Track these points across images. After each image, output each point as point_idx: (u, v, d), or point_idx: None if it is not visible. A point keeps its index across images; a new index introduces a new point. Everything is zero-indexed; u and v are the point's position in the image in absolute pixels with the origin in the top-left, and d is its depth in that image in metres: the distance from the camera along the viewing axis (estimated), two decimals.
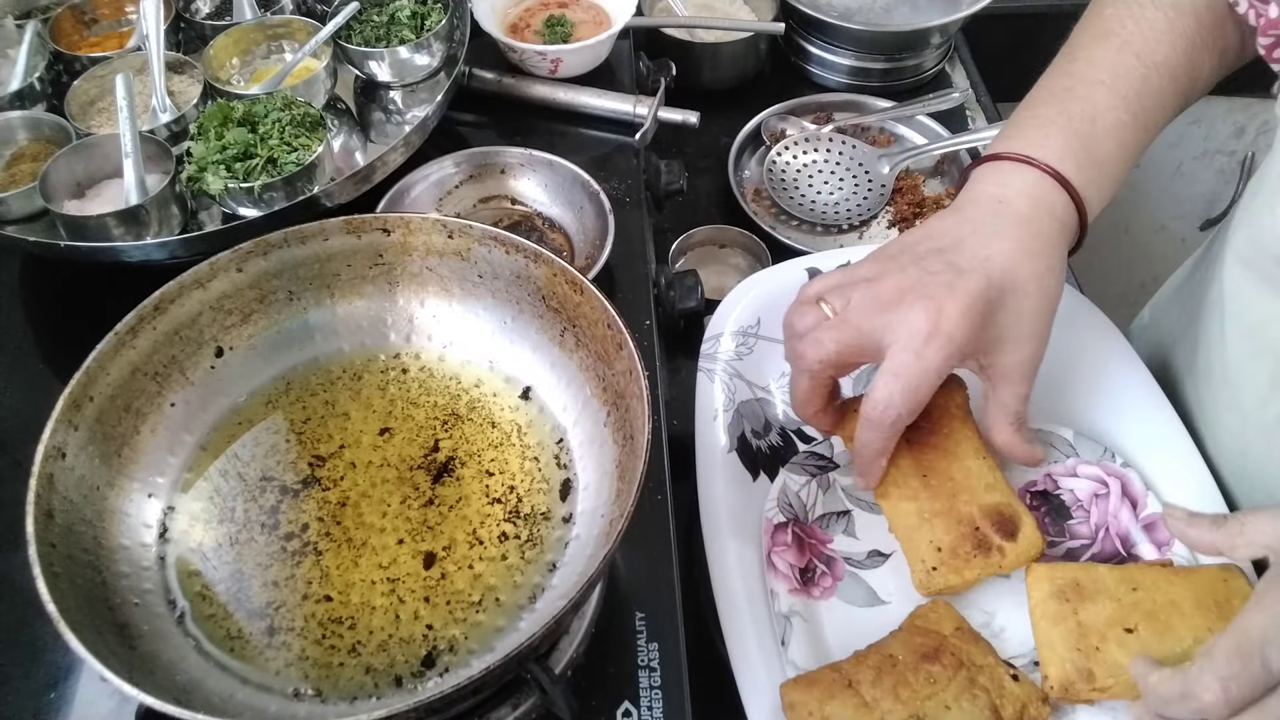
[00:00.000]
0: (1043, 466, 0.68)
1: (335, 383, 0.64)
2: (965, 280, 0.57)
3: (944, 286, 0.57)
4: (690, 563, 0.66)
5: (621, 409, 0.56)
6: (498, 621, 0.54)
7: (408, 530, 0.57)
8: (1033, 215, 0.60)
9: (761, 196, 1.05)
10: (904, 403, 0.57)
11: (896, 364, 0.57)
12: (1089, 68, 0.65)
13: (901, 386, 0.57)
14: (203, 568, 0.56)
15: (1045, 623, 0.58)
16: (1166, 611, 0.57)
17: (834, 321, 0.60)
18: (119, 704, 0.57)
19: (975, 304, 0.57)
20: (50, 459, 0.52)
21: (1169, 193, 1.34)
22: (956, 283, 0.57)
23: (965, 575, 0.60)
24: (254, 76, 0.88)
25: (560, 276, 0.59)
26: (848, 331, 0.59)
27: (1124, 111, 0.63)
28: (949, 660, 0.56)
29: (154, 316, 0.58)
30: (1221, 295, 0.70)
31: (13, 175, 0.79)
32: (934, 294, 0.57)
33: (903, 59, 1.13)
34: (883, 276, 0.59)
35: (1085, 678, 0.56)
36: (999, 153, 0.63)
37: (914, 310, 0.57)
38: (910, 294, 0.58)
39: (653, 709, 0.57)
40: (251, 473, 0.60)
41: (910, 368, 0.57)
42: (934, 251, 0.60)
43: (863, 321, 0.58)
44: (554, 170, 0.81)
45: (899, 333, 0.57)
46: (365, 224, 0.62)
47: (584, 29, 0.95)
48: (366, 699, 0.52)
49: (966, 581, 0.61)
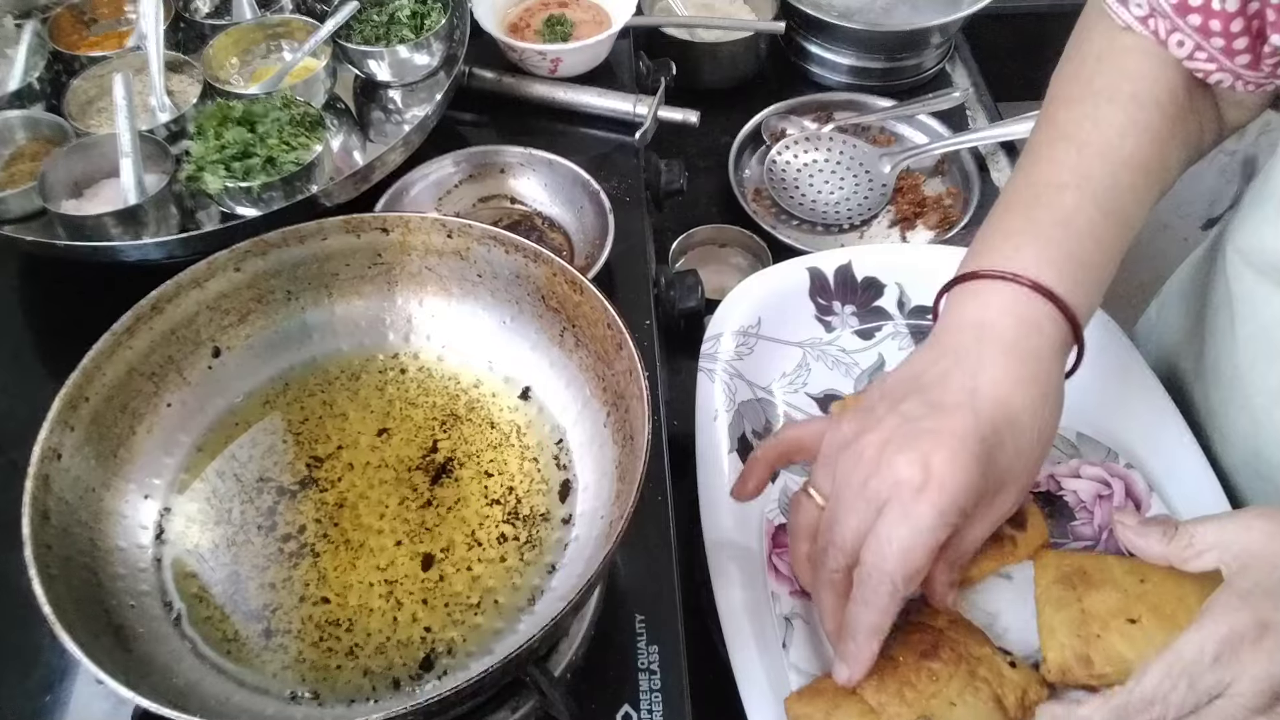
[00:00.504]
0: (1046, 467, 0.68)
1: (333, 383, 0.63)
2: (950, 420, 0.51)
3: (928, 432, 0.51)
4: (690, 564, 0.66)
5: (621, 409, 0.56)
6: (496, 624, 0.54)
7: (406, 532, 0.57)
8: (1019, 337, 0.55)
9: (762, 196, 1.05)
10: (899, 569, 0.50)
11: (887, 526, 0.50)
12: (1051, 172, 0.60)
13: (894, 551, 0.50)
14: (199, 569, 0.56)
15: (1049, 608, 0.58)
16: (1172, 606, 0.57)
17: (828, 517, 0.54)
18: (115, 706, 0.56)
19: (966, 444, 0.51)
20: (46, 460, 0.51)
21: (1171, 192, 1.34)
22: (941, 425, 0.51)
23: (982, 567, 0.61)
24: (253, 76, 0.88)
25: (560, 276, 0.59)
26: (844, 523, 0.52)
27: (1095, 211, 0.58)
28: (948, 655, 0.56)
29: (151, 316, 0.57)
30: (1229, 296, 0.69)
31: (11, 175, 0.79)
32: (918, 442, 0.51)
33: (903, 58, 1.13)
34: (861, 434, 0.53)
35: (1083, 664, 0.56)
36: (971, 271, 0.58)
37: (897, 465, 0.51)
38: (890, 447, 0.51)
39: (653, 712, 0.56)
40: (249, 474, 0.59)
41: (901, 529, 0.50)
42: (913, 393, 0.54)
43: (852, 502, 0.52)
44: (554, 170, 0.81)
45: (887, 494, 0.51)
46: (364, 223, 0.62)
47: (584, 28, 0.95)
48: (364, 702, 0.51)
49: (983, 573, 0.61)
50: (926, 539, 0.50)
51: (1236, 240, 0.69)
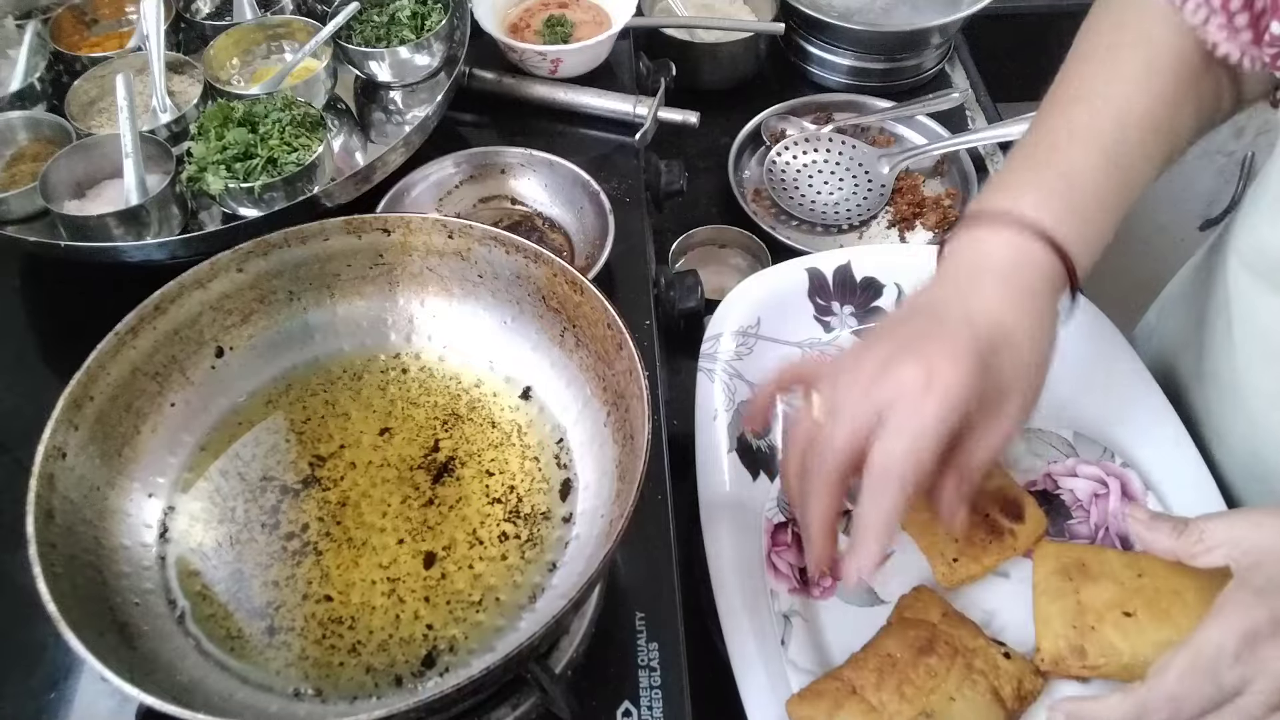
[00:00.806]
0: (1042, 466, 0.68)
1: (335, 383, 0.64)
2: (950, 331, 0.54)
3: (931, 340, 0.54)
4: (690, 563, 0.66)
5: (621, 409, 0.56)
6: (498, 621, 0.54)
7: (408, 530, 0.57)
8: (1013, 271, 0.57)
9: (761, 196, 1.05)
10: (907, 468, 0.52)
11: (894, 427, 0.52)
12: (1061, 127, 0.62)
13: (902, 451, 0.52)
14: (203, 567, 0.56)
15: (1045, 598, 0.59)
16: (1169, 600, 0.57)
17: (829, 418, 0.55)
18: (119, 704, 0.57)
19: (966, 354, 0.53)
20: (51, 459, 0.52)
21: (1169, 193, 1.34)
22: (942, 334, 0.54)
23: (984, 562, 0.61)
24: (254, 77, 0.88)
25: (560, 276, 0.59)
26: (845, 423, 0.54)
27: (1101, 168, 0.60)
28: (944, 650, 0.57)
29: (154, 316, 0.58)
30: (1228, 299, 0.70)
31: (13, 175, 0.79)
32: (921, 350, 0.53)
33: (903, 59, 1.13)
34: (864, 353, 0.56)
35: (1077, 654, 0.57)
36: (974, 214, 0.61)
37: (903, 370, 0.53)
38: (896, 357, 0.54)
39: (653, 709, 0.57)
40: (252, 473, 0.60)
41: (907, 429, 0.52)
42: (914, 314, 0.57)
43: (855, 404, 0.54)
44: (554, 170, 0.81)
45: (892, 397, 0.53)
46: (365, 224, 0.62)
47: (584, 29, 0.95)
48: (367, 699, 0.52)
49: (985, 569, 0.61)
50: (932, 437, 0.52)
51: (1235, 243, 0.69)
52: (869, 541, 0.53)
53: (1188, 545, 0.55)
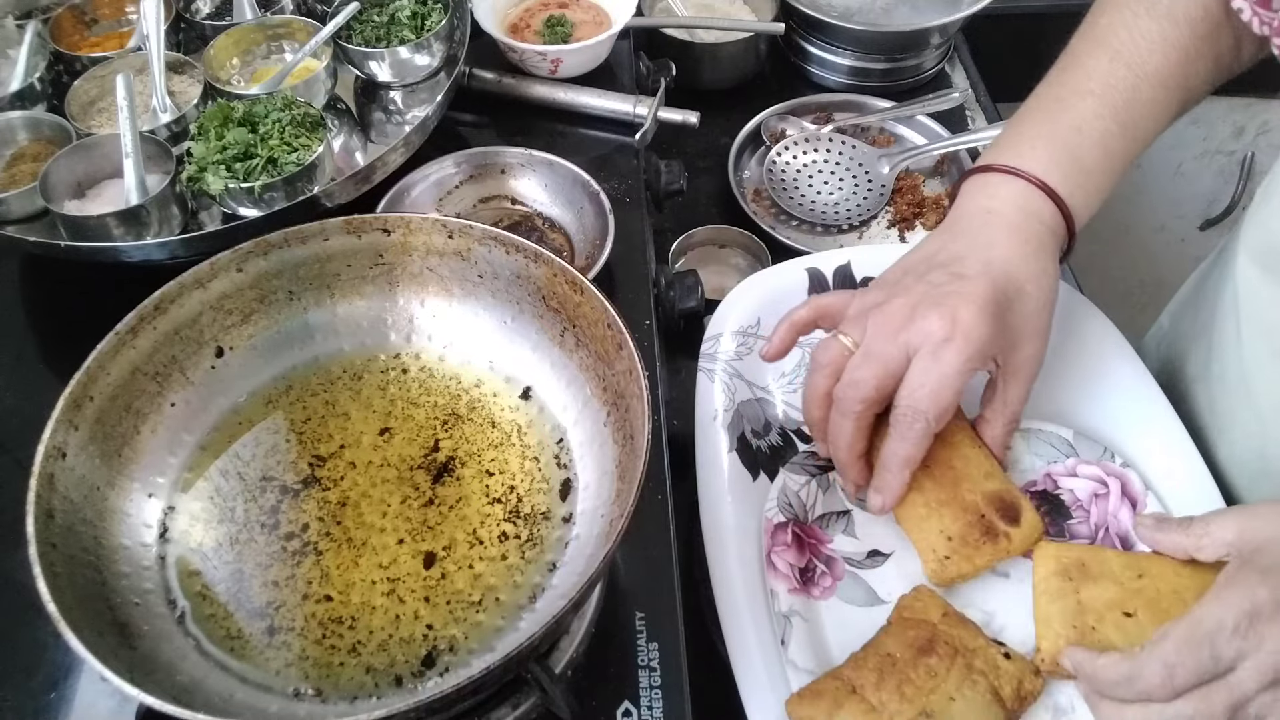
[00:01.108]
0: (1042, 466, 0.68)
1: (335, 383, 0.64)
2: (972, 284, 0.60)
3: (953, 294, 0.60)
4: (690, 563, 0.66)
5: (621, 409, 0.56)
6: (498, 621, 0.54)
7: (408, 530, 0.57)
8: (1022, 223, 0.63)
9: (761, 196, 1.05)
10: (931, 407, 0.59)
11: (919, 371, 0.59)
12: (1080, 78, 0.66)
13: (927, 392, 0.58)
14: (203, 567, 0.56)
15: (1045, 598, 0.59)
16: (1169, 600, 0.57)
17: (858, 357, 0.61)
18: (119, 704, 0.57)
19: (987, 305, 0.59)
20: (51, 459, 0.52)
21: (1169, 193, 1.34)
22: (964, 288, 0.60)
23: (976, 562, 0.61)
24: (254, 77, 0.88)
25: (560, 276, 0.59)
26: (875, 362, 0.60)
27: (1112, 121, 0.65)
28: (944, 650, 0.57)
29: (154, 316, 0.58)
30: (1236, 297, 0.70)
31: (13, 175, 0.79)
32: (945, 301, 0.59)
33: (903, 59, 1.13)
34: (891, 299, 0.61)
35: None
36: (987, 164, 0.66)
37: (929, 319, 0.59)
38: (921, 306, 0.60)
39: (653, 709, 0.57)
40: (252, 473, 0.60)
41: (932, 372, 0.58)
42: (936, 267, 0.62)
43: (885, 346, 0.60)
44: (554, 170, 0.81)
45: (918, 343, 0.59)
46: (365, 224, 0.62)
47: (584, 29, 0.95)
48: (367, 699, 0.52)
49: (977, 569, 0.61)
50: (954, 380, 0.59)
51: (1245, 238, 0.69)
52: (894, 475, 0.61)
53: (1195, 539, 0.57)
